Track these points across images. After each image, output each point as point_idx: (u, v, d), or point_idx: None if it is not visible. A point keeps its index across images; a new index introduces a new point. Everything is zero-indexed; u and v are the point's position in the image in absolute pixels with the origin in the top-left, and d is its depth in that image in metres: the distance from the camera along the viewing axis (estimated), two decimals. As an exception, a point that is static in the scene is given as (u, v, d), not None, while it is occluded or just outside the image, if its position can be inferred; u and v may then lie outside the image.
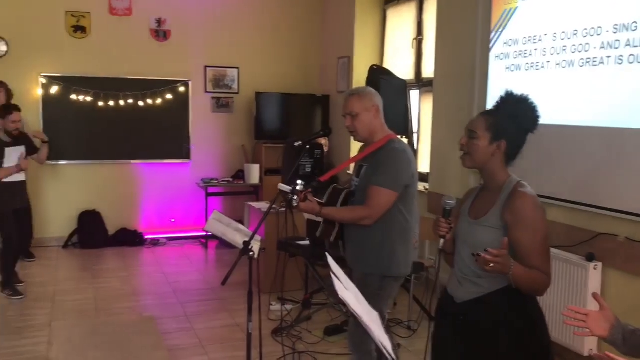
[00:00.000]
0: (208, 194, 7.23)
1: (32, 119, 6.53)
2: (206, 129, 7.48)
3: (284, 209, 4.83)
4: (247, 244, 2.88)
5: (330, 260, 2.10)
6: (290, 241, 4.76)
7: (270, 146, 7.28)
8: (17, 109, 5.26)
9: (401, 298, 4.84)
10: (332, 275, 1.99)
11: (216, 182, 7.34)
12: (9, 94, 6.26)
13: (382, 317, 2.80)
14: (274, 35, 7.68)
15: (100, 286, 5.56)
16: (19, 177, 5.34)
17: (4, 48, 6.61)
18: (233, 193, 7.52)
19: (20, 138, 5.34)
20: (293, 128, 7.51)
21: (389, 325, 4.15)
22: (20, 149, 5.27)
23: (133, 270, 6.24)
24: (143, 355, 3.80)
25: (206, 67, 7.42)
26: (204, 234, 7.22)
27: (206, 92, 7.46)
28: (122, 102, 7.04)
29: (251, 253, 2.92)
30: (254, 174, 7.21)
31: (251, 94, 7.48)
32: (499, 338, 2.12)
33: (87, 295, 5.28)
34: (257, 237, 3.04)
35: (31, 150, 5.52)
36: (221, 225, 3.31)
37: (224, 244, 7.05)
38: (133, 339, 4.04)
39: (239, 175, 7.48)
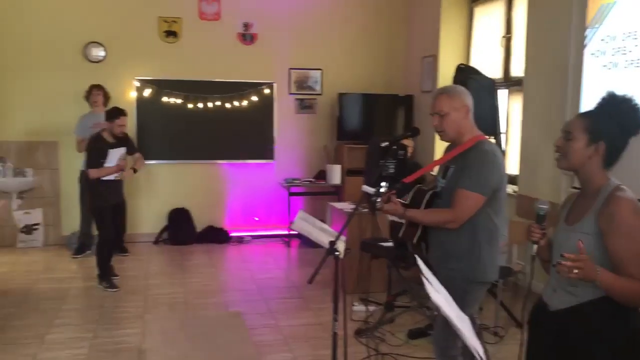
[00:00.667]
0: (290, 194, 7.34)
1: (127, 121, 6.87)
2: (290, 130, 7.61)
3: (366, 210, 4.87)
4: (333, 243, 2.91)
5: (420, 262, 2.08)
6: (373, 242, 4.75)
7: (352, 147, 7.30)
8: (124, 113, 5.52)
9: (487, 303, 4.72)
10: (423, 278, 1.97)
11: (298, 182, 7.44)
12: (107, 96, 6.63)
13: (473, 322, 2.75)
14: (357, 36, 7.70)
15: (189, 281, 5.77)
16: (117, 175, 5.64)
17: (102, 53, 7.00)
18: (315, 193, 7.60)
19: (122, 139, 5.63)
20: (375, 129, 7.49)
21: (480, 330, 4.05)
22: (121, 150, 5.56)
23: (219, 266, 6.44)
24: (231, 348, 3.91)
25: (290, 69, 7.54)
26: (287, 232, 7.35)
27: (290, 93, 7.59)
28: (210, 104, 7.28)
29: (337, 253, 2.94)
30: (335, 174, 7.26)
31: (334, 95, 7.53)
32: (595, 351, 2.02)
33: (177, 290, 5.50)
34: (342, 237, 3.06)
35: (131, 150, 5.80)
36: (307, 224, 3.35)
37: (305, 243, 7.14)
38: (221, 333, 4.17)
39: (321, 175, 7.55)
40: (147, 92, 7.12)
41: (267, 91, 7.46)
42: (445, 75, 6.67)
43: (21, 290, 5.38)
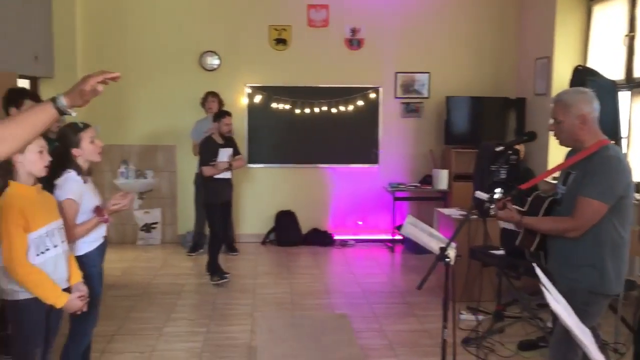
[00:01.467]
0: (395, 199, 7.30)
1: (239, 126, 7.16)
2: (395, 134, 7.58)
3: (476, 217, 4.75)
4: (443, 250, 2.87)
5: (538, 271, 2.01)
6: (483, 250, 4.63)
7: (460, 151, 7.15)
8: (229, 114, 5.88)
9: (606, 317, 4.44)
10: (542, 287, 1.90)
11: (403, 186, 7.39)
12: (221, 103, 6.95)
13: (595, 334, 2.60)
14: (466, 38, 7.54)
15: (295, 282, 5.90)
16: (227, 174, 5.90)
17: (217, 62, 7.34)
18: (420, 198, 7.51)
19: (229, 140, 5.91)
20: (484, 132, 7.29)
21: (604, 343, 3.83)
22: (229, 150, 5.85)
23: (324, 268, 6.53)
24: (337, 350, 3.95)
25: (397, 73, 7.52)
26: (391, 237, 7.32)
27: (396, 97, 7.56)
28: (316, 109, 7.41)
29: (447, 259, 2.90)
30: (442, 179, 7.14)
31: (441, 98, 7.42)
32: None
33: (283, 290, 5.64)
34: (452, 244, 3.01)
35: (236, 152, 6.05)
36: (416, 229, 3.33)
37: (410, 249, 7.08)
38: (327, 334, 4.23)
39: (427, 180, 7.45)
40: (257, 98, 7.38)
41: (372, 95, 7.48)
42: (561, 77, 6.36)
43: (141, 285, 5.75)
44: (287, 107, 7.39)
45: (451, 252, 2.90)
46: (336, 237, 7.53)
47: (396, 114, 7.59)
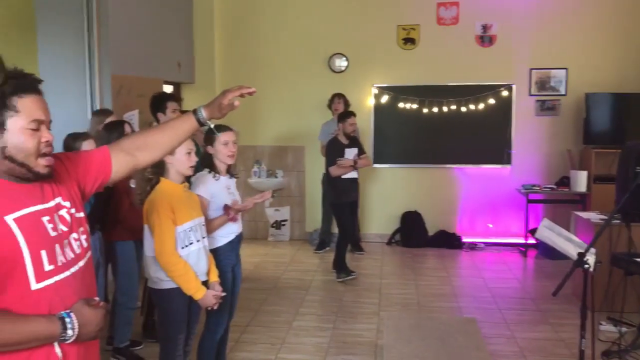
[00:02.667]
0: (529, 201, 6.98)
1: (365, 126, 7.23)
2: (528, 133, 7.25)
3: (617, 221, 4.42)
4: (582, 255, 2.71)
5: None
6: (627, 257, 4.29)
7: (601, 151, 6.69)
8: (353, 114, 5.97)
9: None
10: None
11: (538, 188, 7.04)
12: (347, 104, 7.04)
13: None
14: (609, 30, 7.02)
15: (421, 283, 5.84)
16: (353, 174, 5.98)
17: (345, 64, 7.46)
18: (556, 201, 7.11)
19: (354, 140, 5.99)
20: (629, 132, 6.75)
21: None
22: (355, 150, 5.93)
23: (451, 271, 6.39)
24: (465, 354, 3.87)
25: (531, 69, 7.18)
26: (524, 241, 7.01)
27: (530, 95, 7.23)
28: (445, 109, 7.28)
29: (586, 266, 2.74)
30: (580, 181, 6.71)
31: (580, 95, 6.99)
32: None
33: (409, 291, 5.61)
34: (592, 250, 2.83)
35: (361, 152, 6.10)
36: (552, 233, 3.17)
37: (544, 254, 6.74)
38: (455, 337, 4.16)
39: (564, 182, 7.03)
40: (384, 99, 7.40)
41: (505, 93, 7.21)
42: None
43: (271, 279, 5.99)
44: (415, 106, 7.33)
45: (590, 258, 2.74)
46: (464, 240, 7.34)
47: (530, 112, 7.26)
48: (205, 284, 2.98)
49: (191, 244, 2.91)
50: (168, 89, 6.83)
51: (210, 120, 2.05)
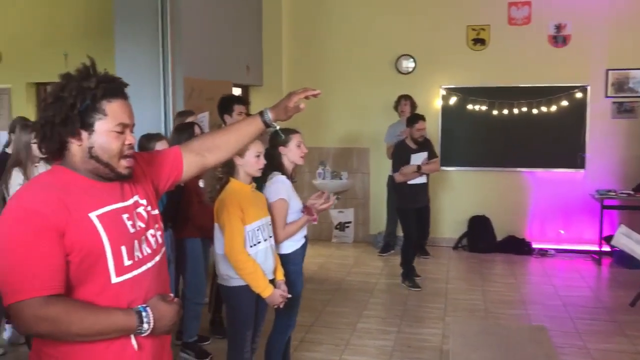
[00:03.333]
0: (603, 207, 6.69)
1: (432, 129, 7.13)
2: (604, 137, 6.95)
3: None
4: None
5: None
6: None
7: (685, 156, 6.34)
8: (422, 118, 5.81)
9: None
10: None
11: (614, 194, 6.73)
12: (414, 106, 6.96)
13: None
14: (694, 28, 6.65)
15: (489, 289, 5.71)
16: (421, 179, 5.88)
17: (412, 65, 7.40)
18: (634, 207, 6.78)
19: (424, 144, 5.88)
20: None
21: None
22: (423, 155, 5.82)
23: (520, 278, 6.21)
24: (534, 364, 3.76)
25: (608, 70, 6.89)
26: (598, 249, 6.73)
27: (606, 96, 6.93)
28: (515, 110, 7.09)
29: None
30: (661, 187, 6.38)
31: (661, 97, 6.65)
32: None
33: (476, 296, 5.49)
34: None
35: (432, 155, 5.99)
36: (629, 240, 3.04)
37: (620, 262, 6.45)
38: (524, 345, 4.04)
39: (642, 187, 6.71)
40: (452, 100, 7.28)
41: (579, 95, 6.95)
42: None
43: (335, 280, 6.01)
44: (484, 108, 7.18)
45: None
46: (534, 246, 7.11)
47: (606, 114, 6.96)
48: (272, 282, 3.03)
49: (259, 242, 2.96)
50: (236, 91, 6.97)
51: (275, 122, 2.09)
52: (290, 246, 3.34)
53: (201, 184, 4.04)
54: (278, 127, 2.17)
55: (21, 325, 1.54)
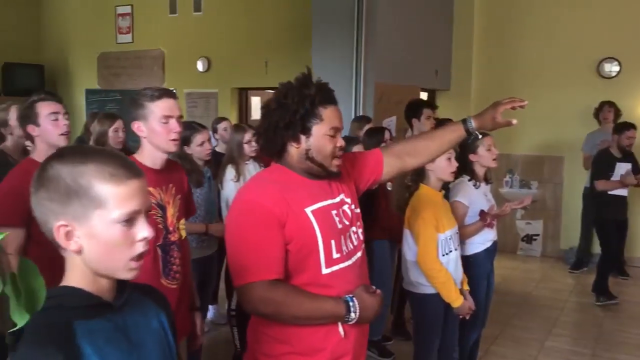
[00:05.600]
0: None
1: (637, 139, 6.48)
2: None
3: None
4: None
5: None
6: None
7: None
8: (633, 126, 5.33)
9: None
10: None
11: None
12: (617, 113, 6.38)
13: None
14: None
15: (703, 320, 5.06)
16: (622, 191, 5.40)
17: (616, 69, 6.79)
18: None
19: (630, 155, 5.40)
20: None
21: None
22: (628, 166, 5.34)
23: None
24: None
25: None
26: None
27: None
28: None
29: None
30: None
31: None
32: None
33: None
34: None
35: (636, 169, 5.46)
36: None
37: None
38: None
39: None
40: None
41: None
42: None
43: (520, 294, 5.74)
44: None
45: None
46: None
47: None
48: (460, 291, 2.99)
49: (450, 252, 2.94)
50: (423, 96, 6.98)
51: (478, 131, 2.08)
52: (472, 248, 3.29)
53: (389, 186, 4.12)
54: (481, 136, 2.16)
55: (248, 305, 1.72)
